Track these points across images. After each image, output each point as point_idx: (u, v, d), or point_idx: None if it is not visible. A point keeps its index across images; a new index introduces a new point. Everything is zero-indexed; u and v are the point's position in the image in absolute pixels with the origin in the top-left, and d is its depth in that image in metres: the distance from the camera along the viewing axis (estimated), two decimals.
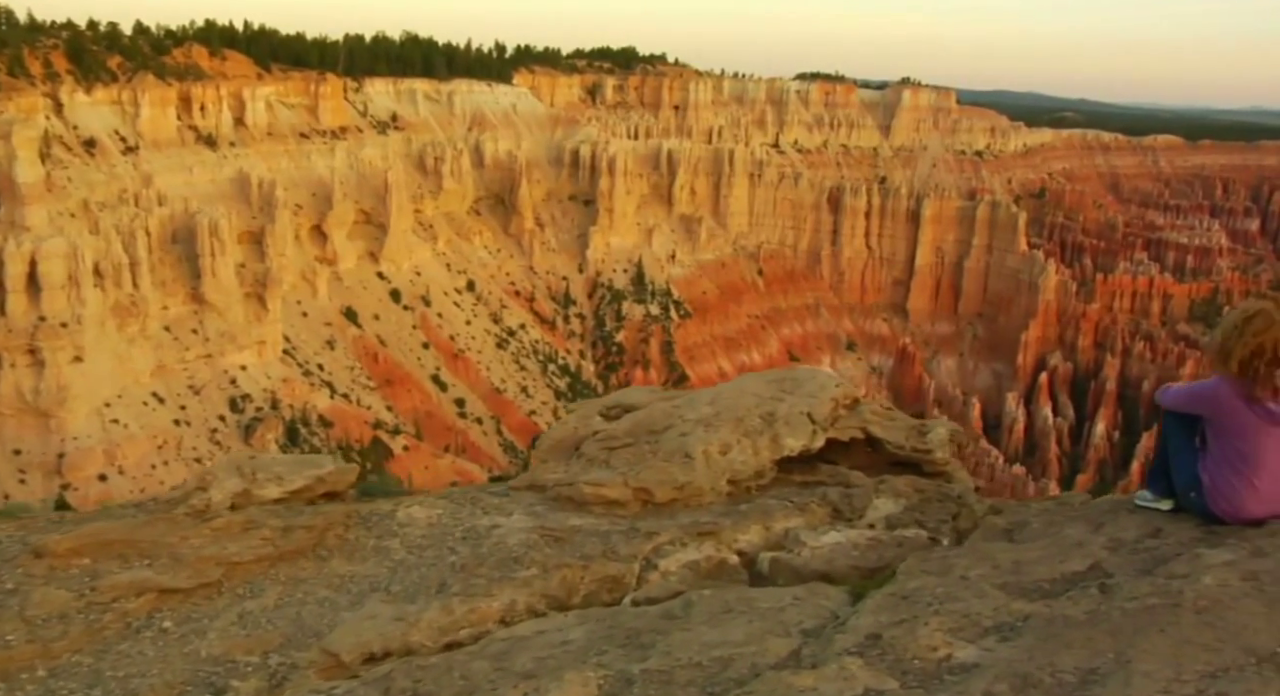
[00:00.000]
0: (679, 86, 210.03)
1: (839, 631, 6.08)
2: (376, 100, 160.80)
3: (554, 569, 7.96)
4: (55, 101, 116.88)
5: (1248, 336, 7.10)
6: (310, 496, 9.79)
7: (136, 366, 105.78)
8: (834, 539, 8.72)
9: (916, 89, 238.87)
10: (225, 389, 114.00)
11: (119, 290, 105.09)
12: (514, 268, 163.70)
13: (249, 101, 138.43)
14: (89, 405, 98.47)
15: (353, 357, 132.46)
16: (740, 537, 8.91)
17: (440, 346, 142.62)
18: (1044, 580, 6.68)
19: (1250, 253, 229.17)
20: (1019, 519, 8.82)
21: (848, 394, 12.14)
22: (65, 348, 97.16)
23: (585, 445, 11.05)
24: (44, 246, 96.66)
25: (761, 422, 10.91)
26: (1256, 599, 5.90)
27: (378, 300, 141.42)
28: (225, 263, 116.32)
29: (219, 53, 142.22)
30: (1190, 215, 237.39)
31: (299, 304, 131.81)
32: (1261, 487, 7.18)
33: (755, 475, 10.45)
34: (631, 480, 9.76)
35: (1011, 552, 7.39)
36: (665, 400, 12.08)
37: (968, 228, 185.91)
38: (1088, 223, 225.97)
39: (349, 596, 7.75)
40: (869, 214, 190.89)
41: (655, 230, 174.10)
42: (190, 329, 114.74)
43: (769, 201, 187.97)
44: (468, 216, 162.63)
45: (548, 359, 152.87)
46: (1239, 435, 7.22)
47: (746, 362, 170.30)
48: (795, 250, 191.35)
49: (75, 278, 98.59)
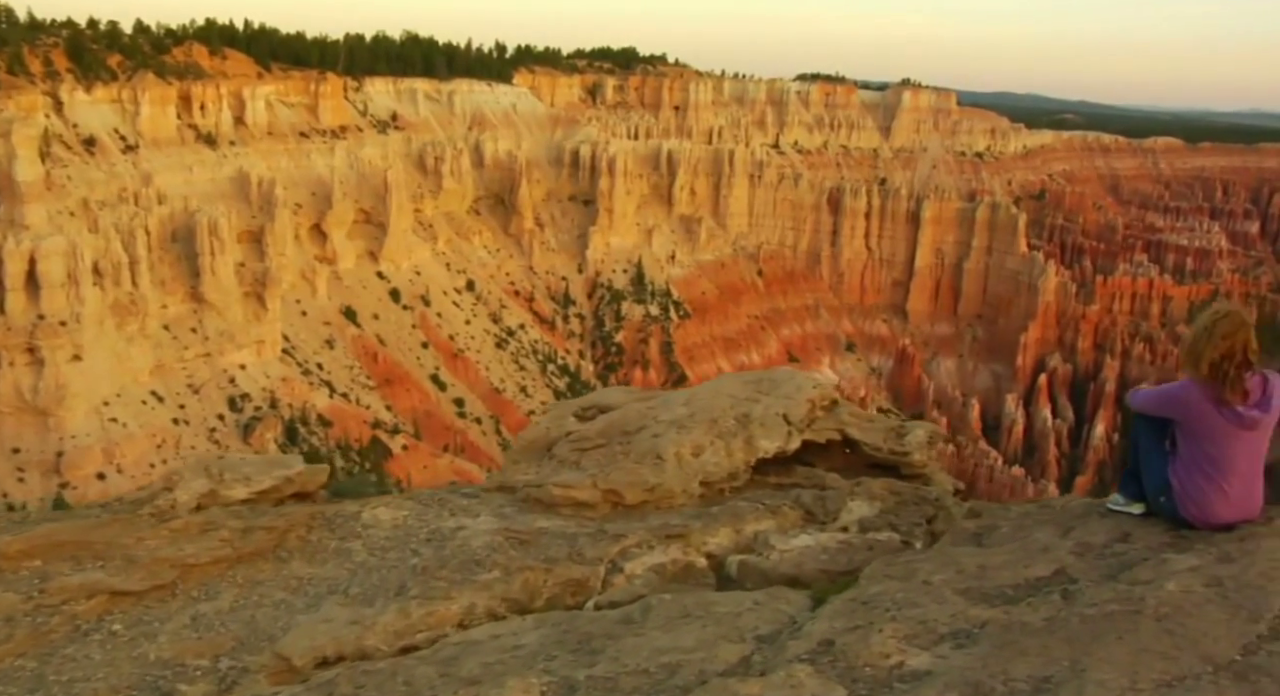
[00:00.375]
0: (679, 87, 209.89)
1: (794, 637, 5.99)
2: (377, 100, 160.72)
3: (516, 571, 7.86)
4: (55, 100, 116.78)
5: (1217, 338, 7.01)
6: (279, 497, 9.68)
7: (135, 365, 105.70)
8: (804, 542, 8.62)
9: (917, 90, 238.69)
10: (224, 388, 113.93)
11: (118, 289, 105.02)
12: (514, 267, 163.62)
13: (249, 100, 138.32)
14: (88, 404, 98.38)
15: (352, 357, 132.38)
16: (710, 540, 8.79)
17: (439, 346, 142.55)
18: (1007, 585, 6.59)
19: (1250, 255, 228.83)
20: (990, 522, 8.68)
21: (825, 395, 12.05)
22: (64, 346, 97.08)
23: (558, 446, 10.97)
24: (43, 245, 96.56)
25: (736, 424, 10.83)
26: (1219, 606, 5.83)
27: (377, 300, 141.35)
28: (224, 262, 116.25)
29: (219, 52, 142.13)
30: (1190, 217, 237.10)
31: (298, 303, 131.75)
32: (1231, 492, 7.10)
33: (729, 477, 10.35)
34: (601, 482, 9.66)
35: (978, 557, 7.31)
36: (640, 401, 12.00)
37: (967, 229, 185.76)
38: (1088, 224, 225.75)
39: (306, 599, 7.65)
40: (869, 215, 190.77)
41: (655, 230, 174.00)
42: (189, 328, 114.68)
43: (769, 202, 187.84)
44: (467, 216, 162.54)
45: (547, 359, 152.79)
46: (1208, 439, 7.12)
47: (746, 363, 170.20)
48: (795, 251, 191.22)
49: (74, 276, 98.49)
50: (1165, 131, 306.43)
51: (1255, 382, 7.05)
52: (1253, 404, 7.00)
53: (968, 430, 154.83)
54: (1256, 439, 7.09)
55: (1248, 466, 7.13)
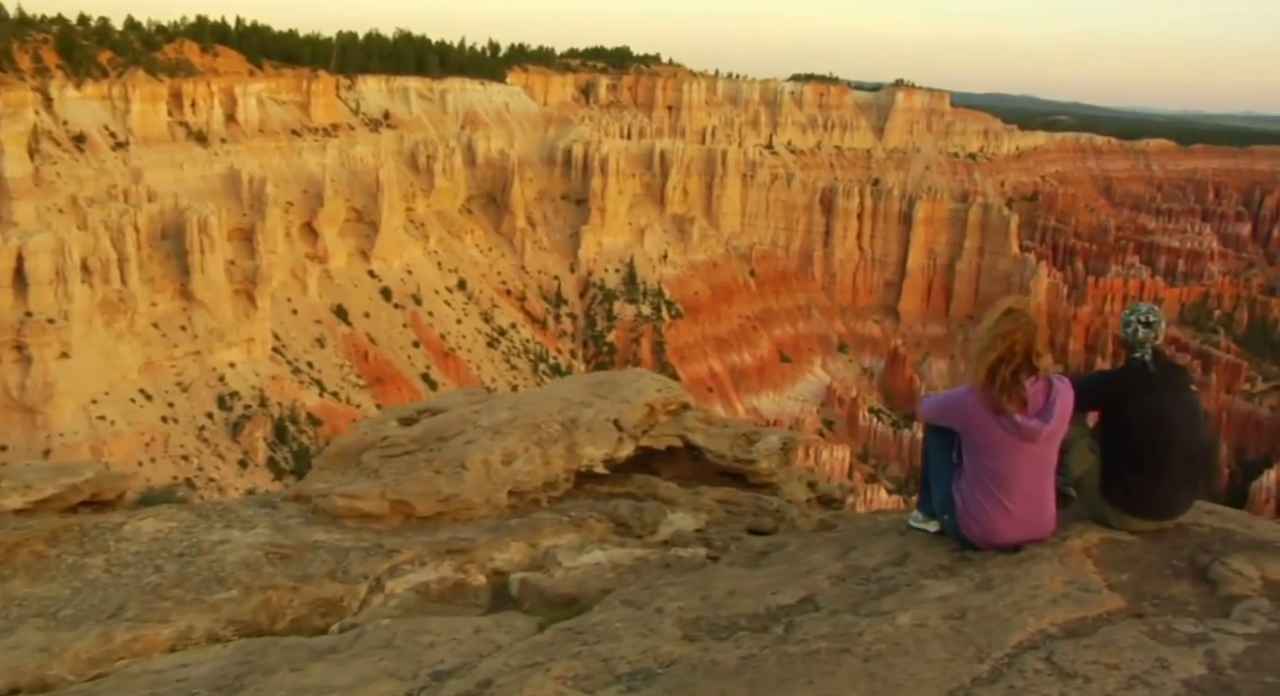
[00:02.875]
0: (673, 87, 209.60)
1: (460, 675, 5.37)
2: (369, 98, 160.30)
3: (257, 590, 7.19)
4: (45, 96, 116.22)
5: (994, 339, 6.32)
6: (63, 505, 8.94)
7: (124, 363, 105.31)
8: (594, 558, 7.94)
9: (910, 91, 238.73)
10: (213, 386, 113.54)
11: (107, 286, 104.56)
12: (505, 266, 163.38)
13: (240, 98, 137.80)
14: (75, 402, 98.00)
15: (342, 356, 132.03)
16: (498, 556, 8.14)
17: (431, 345, 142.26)
18: (743, 615, 5.99)
19: (1241, 257, 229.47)
20: (781, 541, 8.02)
21: (672, 399, 11.40)
22: (52, 344, 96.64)
23: (367, 453, 10.14)
24: (31, 242, 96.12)
25: (561, 430, 10.13)
26: (947, 642, 5.33)
27: (368, 298, 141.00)
28: (214, 259, 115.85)
29: (211, 49, 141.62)
30: (1182, 219, 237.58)
31: (289, 301, 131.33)
32: (1014, 509, 6.42)
33: (545, 486, 9.68)
34: (390, 492, 8.93)
35: (738, 580, 6.67)
36: (472, 404, 11.25)
37: (960, 230, 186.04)
38: (1080, 226, 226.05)
39: (6, 622, 6.88)
40: (861, 215, 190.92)
41: (647, 230, 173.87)
42: (179, 326, 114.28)
43: (761, 202, 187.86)
44: (459, 215, 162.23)
45: (538, 358, 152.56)
46: (988, 451, 6.41)
47: (738, 363, 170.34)
48: (787, 251, 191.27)
49: (63, 273, 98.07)
50: (1158, 133, 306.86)
51: (1037, 389, 6.37)
52: (1033, 413, 6.31)
53: None
54: (1039, 451, 6.40)
55: (1032, 482, 6.43)
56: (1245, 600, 5.84)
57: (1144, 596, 5.95)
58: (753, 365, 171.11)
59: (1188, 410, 6.89)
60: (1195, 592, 6.03)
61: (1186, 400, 6.95)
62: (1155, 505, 6.80)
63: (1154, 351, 7.02)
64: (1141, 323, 7.04)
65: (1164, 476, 6.70)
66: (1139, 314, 7.11)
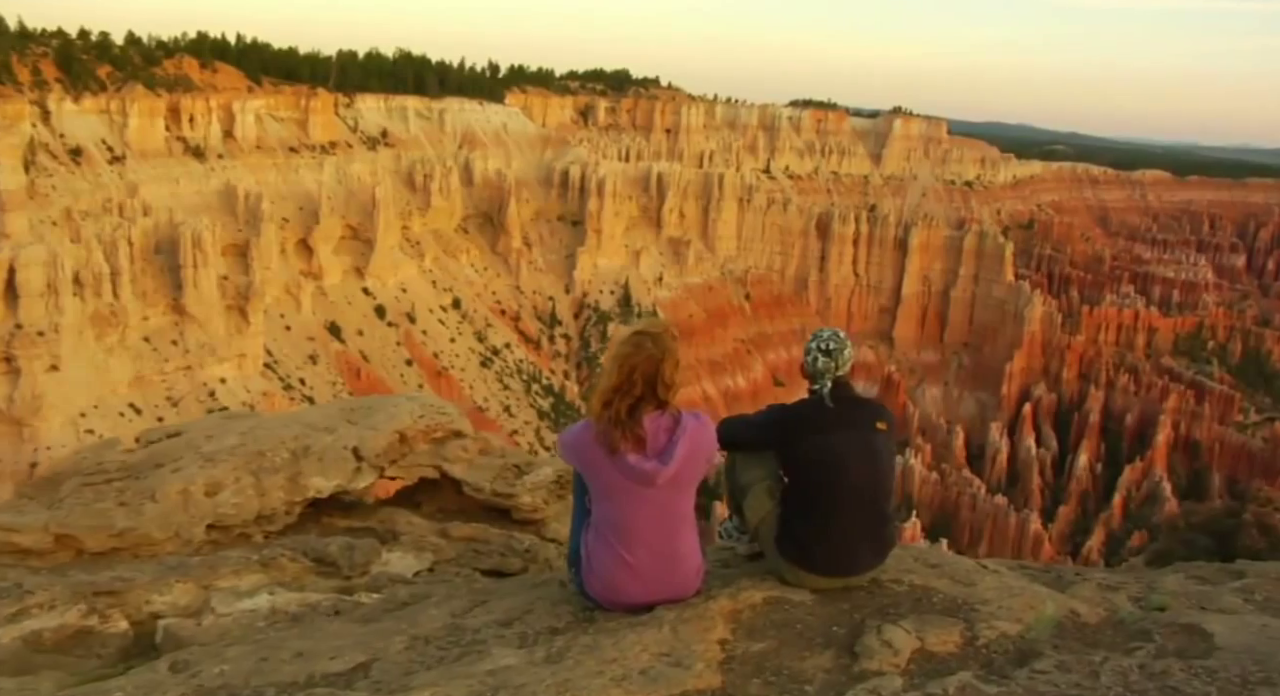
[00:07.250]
0: (671, 110, 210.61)
1: None
2: (367, 116, 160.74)
3: None
4: (43, 109, 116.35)
5: (611, 364, 5.58)
6: None
7: (114, 377, 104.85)
8: (255, 604, 7.08)
9: (908, 118, 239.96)
10: (204, 401, 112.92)
11: (99, 300, 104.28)
12: (500, 286, 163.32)
13: (238, 114, 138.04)
14: (64, 415, 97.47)
15: (335, 373, 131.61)
16: (157, 599, 7.22)
17: (423, 363, 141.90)
18: (274, 684, 5.17)
19: (1236, 288, 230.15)
20: (427, 590, 7.25)
21: (436, 425, 10.46)
22: (42, 356, 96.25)
23: (70, 481, 9.04)
24: (23, 254, 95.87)
25: (288, 458, 9.28)
26: None
27: (362, 316, 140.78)
28: (207, 274, 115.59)
29: (210, 65, 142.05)
30: (1177, 250, 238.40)
31: (282, 317, 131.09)
32: (638, 565, 5.60)
33: (258, 520, 8.85)
34: (54, 525, 7.96)
35: (327, 638, 5.86)
36: (216, 429, 10.29)
37: (955, 257, 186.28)
38: (1075, 255, 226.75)
39: None
40: (857, 241, 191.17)
41: (643, 252, 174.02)
42: (170, 340, 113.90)
43: (757, 226, 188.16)
44: (455, 234, 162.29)
45: (532, 379, 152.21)
46: (609, 497, 5.60)
47: (731, 386, 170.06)
48: (783, 275, 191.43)
49: (54, 286, 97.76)
50: (1154, 164, 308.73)
51: (660, 425, 5.57)
52: (652, 453, 5.49)
53: (952, 458, 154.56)
54: (662, 498, 5.54)
55: (656, 533, 5.60)
56: (874, 678, 4.94)
57: (764, 671, 5.07)
58: (746, 388, 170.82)
59: (866, 451, 5.96)
60: (830, 667, 5.13)
61: (865, 439, 5.99)
62: (830, 559, 5.93)
63: (834, 384, 6.08)
64: (821, 351, 6.11)
65: (835, 527, 5.88)
66: (820, 341, 6.17)
